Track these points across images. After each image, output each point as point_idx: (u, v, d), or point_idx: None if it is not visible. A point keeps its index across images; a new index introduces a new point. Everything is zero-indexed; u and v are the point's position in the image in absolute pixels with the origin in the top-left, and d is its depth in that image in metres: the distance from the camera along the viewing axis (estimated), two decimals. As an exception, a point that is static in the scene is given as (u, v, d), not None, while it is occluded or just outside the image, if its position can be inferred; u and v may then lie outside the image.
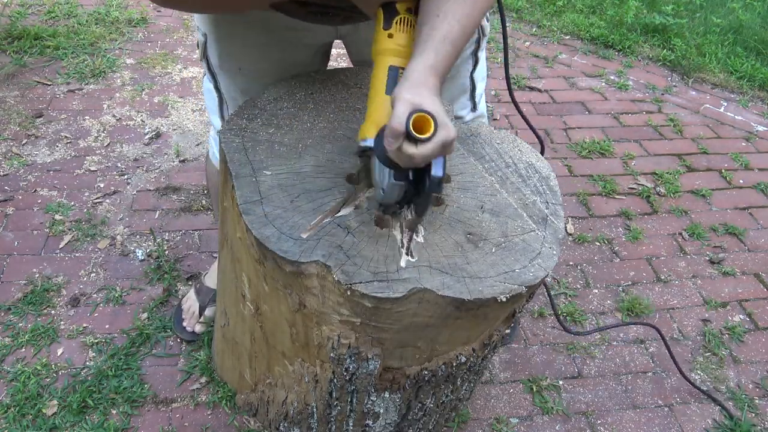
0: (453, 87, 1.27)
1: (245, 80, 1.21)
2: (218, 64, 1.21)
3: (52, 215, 1.90)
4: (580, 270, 1.91)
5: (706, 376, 1.64)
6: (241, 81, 1.21)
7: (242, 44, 1.16)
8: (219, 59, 1.20)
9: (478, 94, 1.32)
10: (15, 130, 2.22)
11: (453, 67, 1.20)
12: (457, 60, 0.91)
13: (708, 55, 3.07)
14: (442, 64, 0.86)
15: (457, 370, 1.10)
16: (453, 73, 1.25)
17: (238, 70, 1.20)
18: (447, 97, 1.28)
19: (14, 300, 1.65)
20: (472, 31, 0.91)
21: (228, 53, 1.19)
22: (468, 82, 1.29)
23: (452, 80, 1.27)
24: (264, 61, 1.18)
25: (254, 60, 1.18)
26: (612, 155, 2.40)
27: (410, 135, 0.78)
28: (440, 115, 0.80)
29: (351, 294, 0.88)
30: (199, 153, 2.21)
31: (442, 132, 0.79)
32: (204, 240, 1.88)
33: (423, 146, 0.79)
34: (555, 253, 0.95)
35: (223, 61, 1.20)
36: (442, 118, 0.79)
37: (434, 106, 0.80)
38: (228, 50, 1.18)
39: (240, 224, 0.97)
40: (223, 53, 1.19)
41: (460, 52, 0.90)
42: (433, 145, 0.79)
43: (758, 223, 2.15)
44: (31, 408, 1.41)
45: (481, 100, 1.35)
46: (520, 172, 1.09)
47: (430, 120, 0.78)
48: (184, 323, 1.60)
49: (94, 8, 3.02)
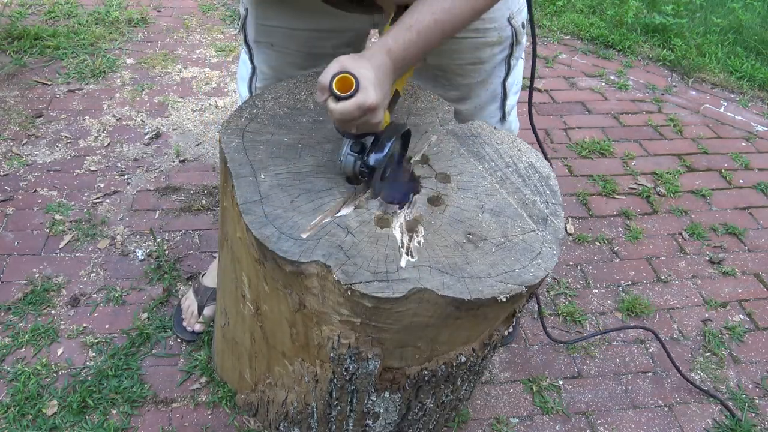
0: (483, 92, 1.27)
1: (276, 56, 1.28)
2: (254, 38, 1.28)
3: (52, 215, 1.90)
4: (580, 270, 1.91)
5: (706, 376, 1.64)
6: (272, 57, 1.28)
7: (276, 23, 1.22)
8: (255, 33, 1.27)
9: (509, 105, 1.31)
10: (15, 130, 2.22)
11: (483, 71, 1.24)
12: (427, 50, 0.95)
13: (708, 55, 3.07)
14: (400, 47, 0.91)
15: (457, 370, 1.10)
16: (484, 77, 1.25)
17: (270, 45, 1.27)
18: (478, 103, 1.28)
19: (14, 300, 1.65)
20: (453, 27, 0.94)
21: (263, 29, 1.25)
22: (500, 90, 1.28)
23: (483, 85, 1.27)
24: (294, 42, 1.24)
25: (285, 38, 1.24)
26: (612, 155, 2.40)
27: (331, 91, 0.85)
28: (365, 80, 0.85)
29: (351, 294, 0.88)
30: (199, 153, 2.21)
31: (360, 95, 0.84)
32: (204, 240, 1.88)
33: (341, 104, 0.85)
34: (555, 253, 0.95)
35: (258, 35, 1.27)
36: (365, 84, 0.85)
37: (365, 72, 0.86)
38: (263, 26, 1.25)
39: (240, 224, 0.97)
40: (259, 28, 1.26)
41: (432, 44, 0.94)
42: (349, 104, 0.85)
43: (758, 223, 2.15)
44: (31, 408, 1.41)
45: (512, 112, 1.34)
46: (520, 172, 1.09)
47: (353, 81, 0.84)
48: (183, 323, 1.60)
49: (94, 8, 3.02)
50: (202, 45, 2.85)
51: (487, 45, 1.20)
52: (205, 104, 2.46)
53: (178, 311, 1.63)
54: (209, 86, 2.57)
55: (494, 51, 1.22)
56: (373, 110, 0.87)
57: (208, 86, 2.57)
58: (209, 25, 3.02)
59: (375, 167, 0.95)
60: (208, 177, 2.10)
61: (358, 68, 0.86)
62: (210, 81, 2.60)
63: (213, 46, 2.84)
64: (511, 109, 1.34)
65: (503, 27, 1.19)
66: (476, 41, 1.20)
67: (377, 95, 0.86)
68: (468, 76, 1.25)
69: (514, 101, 1.34)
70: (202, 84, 2.57)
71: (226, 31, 2.99)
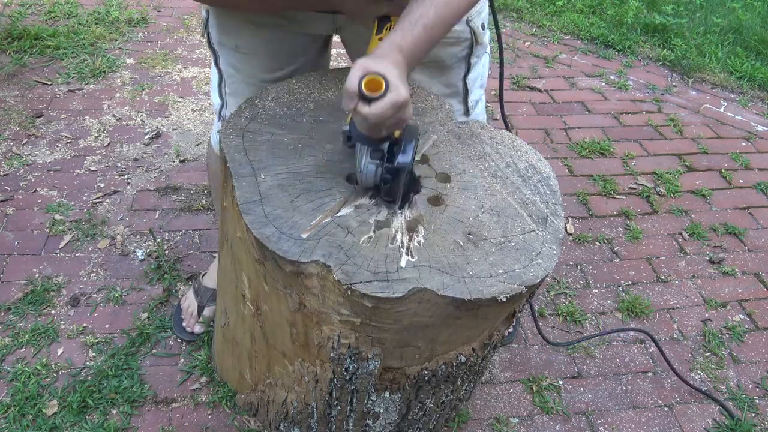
0: (440, 83, 1.27)
1: (242, 59, 1.24)
2: (217, 40, 1.25)
3: (52, 215, 1.90)
4: (580, 270, 1.91)
5: (706, 376, 1.64)
6: (237, 59, 1.25)
7: (239, 22, 1.20)
8: (218, 35, 1.24)
9: (472, 100, 1.32)
10: (15, 130, 2.22)
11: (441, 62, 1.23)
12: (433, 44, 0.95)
13: (708, 55, 3.07)
14: (411, 44, 0.91)
15: (457, 370, 1.10)
16: (441, 66, 1.25)
17: (235, 47, 1.23)
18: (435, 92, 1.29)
19: (14, 300, 1.65)
20: (453, 19, 0.95)
21: (226, 30, 1.22)
22: (460, 85, 1.29)
23: (440, 74, 1.27)
24: (258, 42, 1.21)
25: (250, 38, 1.21)
26: (612, 155, 2.40)
27: (362, 94, 0.83)
28: (393, 78, 0.84)
29: (351, 294, 0.88)
30: (199, 153, 2.21)
31: (392, 93, 0.83)
32: (204, 240, 1.88)
33: (375, 105, 0.83)
34: (555, 253, 0.95)
35: (221, 36, 1.24)
36: (394, 81, 0.84)
37: (390, 70, 0.85)
38: (226, 27, 1.22)
39: (240, 224, 0.97)
40: (221, 29, 1.23)
41: (437, 37, 0.95)
42: (383, 104, 0.84)
43: (758, 223, 2.15)
44: (31, 408, 1.41)
45: (477, 106, 1.34)
46: (520, 172, 1.09)
47: (382, 81, 0.83)
48: (183, 323, 1.60)
49: (94, 8, 3.02)
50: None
51: (446, 45, 1.21)
52: (205, 104, 2.46)
53: (177, 311, 1.63)
54: (209, 86, 2.57)
55: (453, 50, 1.23)
56: (406, 105, 0.86)
57: (208, 86, 2.56)
58: (209, 25, 3.02)
59: (401, 170, 0.92)
60: (208, 177, 2.10)
61: (383, 67, 0.85)
62: (210, 81, 2.60)
63: (213, 46, 2.84)
64: (475, 104, 1.34)
65: (462, 30, 1.20)
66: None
67: (406, 88, 0.86)
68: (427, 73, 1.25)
69: (478, 95, 1.34)
70: (202, 84, 2.57)
71: (226, 31, 2.99)
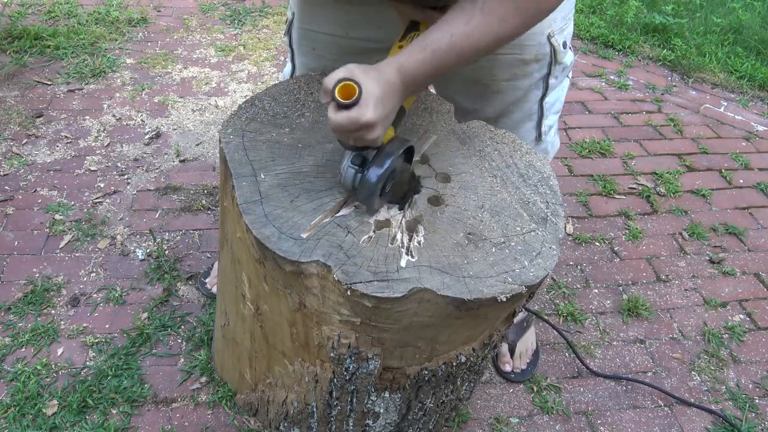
0: (518, 111, 1.25)
1: (315, 59, 1.29)
2: (297, 42, 1.31)
3: (52, 215, 1.90)
4: (580, 270, 1.91)
5: (705, 376, 1.64)
6: (312, 59, 1.30)
7: (318, 28, 1.25)
8: (298, 37, 1.30)
9: (546, 125, 1.28)
10: (15, 130, 2.22)
11: (520, 90, 1.22)
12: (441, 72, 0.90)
13: (708, 55, 3.07)
14: (413, 66, 0.87)
15: (457, 370, 1.10)
16: (519, 95, 1.23)
17: (312, 49, 1.28)
18: (512, 120, 1.26)
19: (14, 300, 1.65)
20: (472, 52, 0.89)
21: (306, 33, 1.27)
22: (536, 108, 1.25)
23: (519, 103, 1.24)
24: (334, 48, 1.25)
25: (326, 44, 1.26)
26: (612, 155, 2.40)
27: (334, 97, 0.82)
28: (367, 94, 0.81)
29: (351, 294, 0.88)
30: (199, 153, 2.21)
31: (357, 110, 0.81)
32: (204, 240, 1.88)
33: (338, 113, 0.82)
34: (555, 253, 0.95)
35: (301, 39, 1.29)
36: (367, 98, 0.81)
37: (371, 86, 0.82)
38: (306, 30, 1.27)
39: (240, 224, 0.97)
40: (302, 33, 1.28)
41: (446, 66, 0.89)
42: (344, 116, 0.82)
43: (758, 223, 2.15)
44: (31, 408, 1.41)
45: (550, 132, 1.31)
46: (520, 171, 1.09)
47: (356, 92, 0.81)
48: (206, 279, 1.71)
49: (94, 8, 3.02)
50: (202, 45, 2.85)
51: (523, 62, 1.18)
52: (205, 104, 2.46)
53: (208, 271, 1.74)
54: (209, 86, 2.57)
55: (531, 69, 1.19)
56: (368, 127, 0.83)
57: (208, 86, 2.57)
58: (209, 25, 3.02)
59: (374, 183, 0.91)
60: (208, 177, 2.10)
61: (367, 80, 0.83)
62: (210, 81, 2.60)
63: (213, 46, 2.84)
64: (548, 129, 1.30)
65: (541, 44, 1.16)
66: (512, 58, 1.17)
67: (376, 112, 0.83)
68: (503, 92, 1.22)
69: (552, 121, 1.30)
70: (202, 84, 2.57)
71: (226, 30, 2.99)
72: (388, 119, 0.88)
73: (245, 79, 2.63)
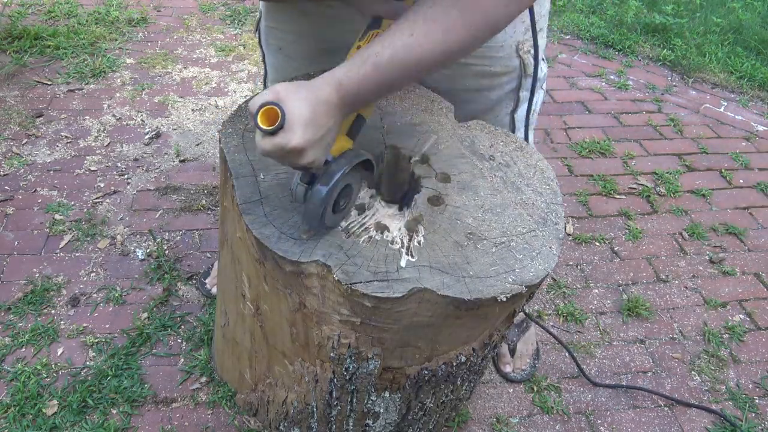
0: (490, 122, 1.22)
1: (283, 60, 1.28)
2: (265, 40, 1.30)
3: (52, 215, 1.90)
4: (580, 270, 1.91)
5: (705, 376, 1.64)
6: (279, 60, 1.29)
7: (285, 28, 1.23)
8: (265, 36, 1.29)
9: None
10: (15, 130, 2.22)
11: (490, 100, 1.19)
12: (389, 88, 0.85)
13: (708, 55, 3.07)
14: (353, 82, 0.80)
15: (457, 370, 1.10)
16: (489, 106, 1.21)
17: (278, 49, 1.27)
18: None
19: (14, 300, 1.65)
20: (417, 65, 0.81)
21: (272, 32, 1.26)
22: (507, 121, 1.24)
23: (489, 114, 1.23)
24: (301, 48, 1.24)
25: (293, 43, 1.24)
26: (612, 155, 2.40)
27: (256, 122, 0.76)
28: (293, 118, 0.75)
29: (351, 294, 0.88)
30: (199, 153, 2.21)
31: (282, 136, 0.75)
32: (204, 240, 1.88)
33: (262, 141, 0.77)
34: (555, 253, 0.95)
35: (268, 38, 1.28)
36: (293, 122, 0.75)
37: (299, 108, 0.76)
38: (272, 29, 1.26)
39: (240, 224, 0.97)
40: (269, 31, 1.27)
41: (392, 81, 0.83)
42: (269, 142, 0.76)
43: (758, 222, 2.15)
44: (32, 408, 1.41)
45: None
46: (520, 171, 1.09)
47: (279, 116, 0.75)
48: (206, 279, 1.71)
49: (94, 8, 3.02)
50: (202, 45, 2.85)
51: (492, 74, 1.16)
52: (205, 104, 2.46)
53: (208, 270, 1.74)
54: (209, 86, 2.57)
55: (500, 81, 1.18)
56: (297, 153, 0.77)
57: (208, 86, 2.57)
58: (209, 25, 3.02)
59: (317, 203, 0.85)
60: (208, 177, 2.10)
61: (293, 101, 0.76)
62: (210, 81, 2.60)
63: (213, 46, 2.84)
64: None
65: (509, 56, 1.14)
66: (481, 69, 1.15)
67: (305, 137, 0.76)
68: (471, 102, 1.20)
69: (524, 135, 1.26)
70: (202, 84, 2.58)
71: (226, 30, 2.99)
72: (324, 140, 0.81)
73: (245, 79, 2.63)
